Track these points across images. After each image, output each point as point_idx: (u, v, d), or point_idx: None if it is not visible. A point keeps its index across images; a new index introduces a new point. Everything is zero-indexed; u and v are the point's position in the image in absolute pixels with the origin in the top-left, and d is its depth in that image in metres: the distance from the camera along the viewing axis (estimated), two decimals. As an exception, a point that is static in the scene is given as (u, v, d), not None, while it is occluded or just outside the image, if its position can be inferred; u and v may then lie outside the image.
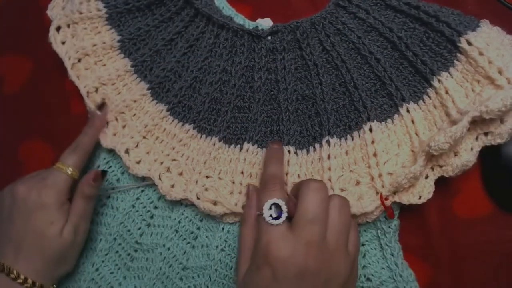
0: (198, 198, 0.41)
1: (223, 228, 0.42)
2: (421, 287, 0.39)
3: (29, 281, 0.38)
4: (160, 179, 0.42)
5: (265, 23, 0.45)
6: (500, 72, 0.36)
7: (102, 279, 0.43)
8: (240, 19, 0.46)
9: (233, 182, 0.41)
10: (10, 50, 0.52)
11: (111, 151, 0.45)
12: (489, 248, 0.40)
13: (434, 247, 0.40)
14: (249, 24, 0.45)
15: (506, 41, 0.38)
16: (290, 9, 0.47)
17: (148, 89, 0.45)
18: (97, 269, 0.43)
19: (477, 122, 0.36)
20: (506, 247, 0.39)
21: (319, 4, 0.45)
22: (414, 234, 0.41)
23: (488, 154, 0.39)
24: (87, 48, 0.46)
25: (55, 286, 0.41)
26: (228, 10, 0.47)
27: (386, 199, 0.37)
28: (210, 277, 0.41)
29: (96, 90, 0.45)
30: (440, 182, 0.39)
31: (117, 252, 0.44)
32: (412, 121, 0.39)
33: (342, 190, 0.39)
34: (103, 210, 0.45)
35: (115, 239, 0.43)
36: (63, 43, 0.47)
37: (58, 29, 0.47)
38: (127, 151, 0.43)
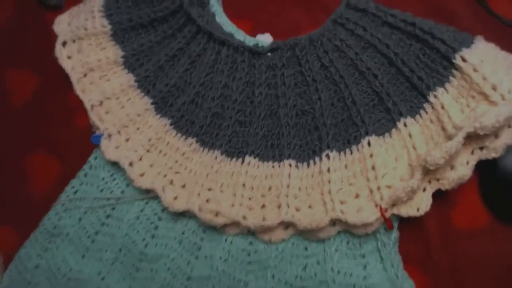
0: (200, 210, 0.41)
1: (226, 239, 0.42)
2: None
3: None
4: (163, 191, 0.43)
5: (265, 38, 0.46)
6: (494, 89, 0.36)
7: None
8: (240, 35, 0.47)
9: (235, 195, 0.42)
10: (17, 64, 0.54)
11: (116, 164, 0.46)
12: (488, 261, 0.40)
13: (433, 258, 0.41)
14: (249, 41, 0.46)
15: (500, 57, 0.39)
16: (290, 24, 0.48)
17: (151, 103, 0.46)
18: (103, 278, 0.44)
19: (472, 137, 0.37)
20: (505, 260, 0.40)
21: (318, 20, 0.46)
22: (414, 245, 0.41)
23: (485, 167, 0.39)
24: (92, 63, 0.47)
25: None
26: (229, 26, 0.48)
27: (386, 211, 0.38)
28: (214, 287, 0.42)
29: (101, 104, 0.47)
30: (439, 194, 0.39)
31: (122, 262, 0.44)
32: (410, 135, 0.39)
33: (342, 202, 0.39)
34: (108, 221, 0.45)
35: (120, 249, 0.44)
36: (69, 57, 0.48)
37: (64, 44, 0.48)
38: (131, 164, 0.44)
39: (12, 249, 0.47)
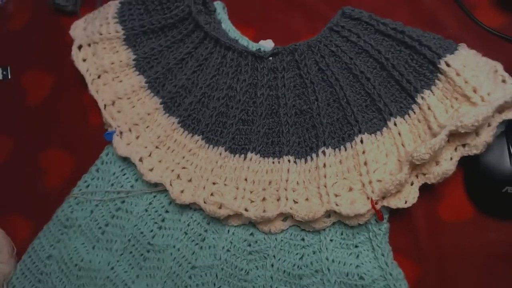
0: (205, 202, 0.43)
1: (228, 231, 0.44)
2: (410, 285, 0.41)
3: None
4: (171, 185, 0.45)
5: (267, 44, 0.48)
6: (474, 91, 0.38)
7: (117, 277, 0.45)
8: (244, 41, 0.49)
9: (237, 188, 0.43)
10: (34, 66, 0.56)
11: (126, 160, 0.48)
12: (473, 250, 0.41)
13: (421, 248, 0.42)
14: (252, 46, 0.48)
15: (481, 63, 0.40)
16: (290, 31, 0.50)
17: (161, 103, 0.48)
18: (112, 268, 0.45)
19: (456, 135, 0.39)
20: (488, 248, 0.41)
21: (316, 27, 0.48)
22: (403, 236, 0.43)
23: (469, 162, 0.41)
24: (106, 66, 0.49)
25: None
26: (234, 32, 0.50)
27: (376, 203, 0.40)
28: (217, 275, 0.43)
29: (113, 103, 0.49)
30: (426, 189, 0.41)
31: (131, 252, 0.46)
32: (399, 134, 0.41)
33: (336, 195, 0.41)
34: (118, 213, 0.47)
35: (129, 240, 0.46)
36: (84, 60, 0.50)
37: (79, 47, 0.50)
38: (141, 160, 0.46)
39: (26, 240, 0.49)
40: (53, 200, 0.50)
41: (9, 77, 0.56)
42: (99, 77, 0.50)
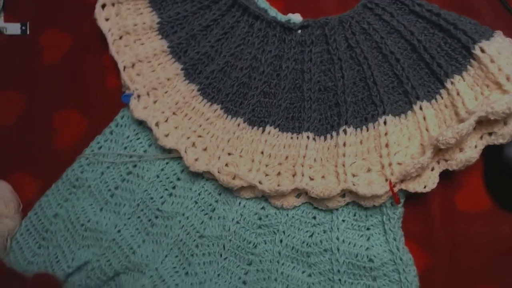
0: (219, 172, 0.43)
1: (239, 203, 0.44)
2: (420, 272, 0.41)
3: None
4: (185, 152, 0.44)
5: (296, 17, 0.47)
6: (508, 79, 0.38)
7: (123, 241, 0.45)
8: (273, 12, 0.48)
9: (253, 161, 0.43)
10: (52, 25, 0.54)
11: (141, 124, 0.47)
12: (485, 241, 0.42)
13: (434, 236, 0.43)
14: (281, 17, 0.48)
15: None
16: (319, 6, 0.49)
17: (181, 69, 0.47)
18: (119, 231, 0.45)
19: (483, 123, 0.39)
20: (501, 241, 0.42)
21: (346, 4, 0.47)
22: (416, 223, 0.43)
23: (491, 154, 0.41)
24: (129, 27, 0.49)
25: None
26: (263, 3, 0.49)
27: (394, 186, 0.40)
28: (224, 246, 0.43)
29: (133, 65, 0.48)
30: (445, 177, 0.41)
31: (139, 217, 0.46)
32: (424, 118, 0.41)
33: (354, 175, 0.41)
34: (129, 177, 0.47)
35: (138, 205, 0.46)
36: (106, 20, 0.49)
37: (103, 6, 0.49)
38: (157, 124, 0.45)
39: (33, 198, 0.49)
40: (62, 161, 0.49)
41: (28, 33, 0.55)
42: (120, 38, 0.49)
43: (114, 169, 0.48)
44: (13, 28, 0.55)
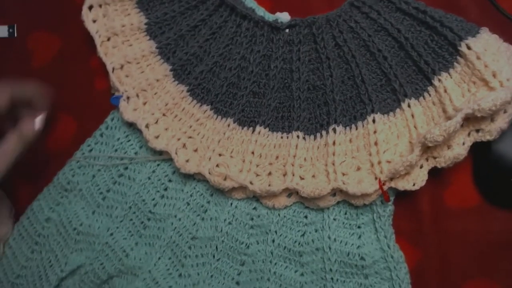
0: (210, 173, 0.43)
1: (231, 204, 0.45)
2: (410, 269, 0.42)
3: None
4: (176, 153, 0.44)
5: (283, 16, 0.48)
6: (494, 76, 0.38)
7: (116, 244, 0.46)
8: (260, 11, 0.48)
9: (243, 161, 0.44)
10: (41, 27, 0.55)
11: (131, 126, 0.48)
12: (475, 237, 0.43)
13: (424, 233, 0.43)
14: (269, 17, 0.48)
15: (502, 48, 0.40)
16: (307, 5, 0.50)
17: (170, 70, 0.47)
18: (111, 234, 0.46)
19: (470, 119, 0.39)
20: (490, 237, 0.42)
21: (334, 2, 0.48)
22: (406, 220, 0.44)
23: (480, 151, 0.42)
24: (116, 28, 0.49)
25: None
26: (250, 2, 0.49)
27: (384, 184, 0.40)
28: (217, 247, 0.44)
29: (121, 67, 0.48)
30: (434, 174, 0.41)
31: (131, 220, 0.46)
32: (412, 116, 0.41)
33: (344, 174, 0.41)
34: (120, 180, 0.47)
35: (130, 207, 0.46)
36: (94, 21, 0.49)
37: (90, 8, 0.49)
38: (147, 126, 0.45)
39: (25, 202, 0.49)
40: (53, 164, 0.50)
41: (15, 35, 0.55)
42: (108, 39, 0.49)
43: (105, 172, 0.48)
44: (0, 31, 0.55)
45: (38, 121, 0.45)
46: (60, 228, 0.47)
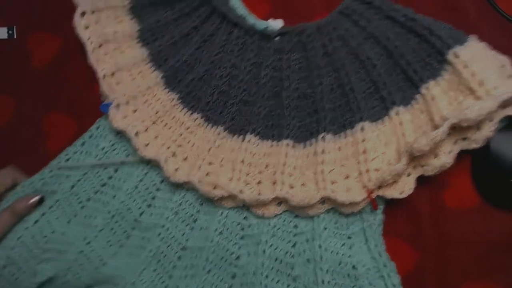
0: (199, 182, 0.43)
1: (221, 213, 0.45)
2: (409, 270, 0.43)
3: None
4: (165, 162, 0.45)
5: (275, 24, 0.48)
6: (480, 85, 0.39)
7: (92, 252, 0.45)
8: (251, 19, 0.49)
9: (233, 170, 0.44)
10: (41, 27, 0.55)
11: (118, 135, 0.48)
12: (474, 238, 0.43)
13: (423, 234, 0.44)
14: (260, 24, 0.48)
15: (490, 57, 0.41)
16: (306, 7, 0.50)
17: (162, 77, 0.48)
18: (88, 243, 0.45)
19: (456, 128, 0.40)
20: (490, 237, 0.43)
21: (333, 4, 0.48)
22: (405, 221, 0.44)
23: (479, 152, 0.42)
24: (109, 35, 0.49)
25: None
26: (242, 9, 0.50)
27: (372, 192, 0.41)
28: (207, 258, 0.44)
29: (113, 74, 0.48)
30: (433, 175, 0.41)
31: (112, 229, 0.46)
32: (400, 123, 0.42)
33: (332, 182, 0.42)
34: (103, 189, 0.47)
35: (113, 216, 0.46)
36: (86, 27, 0.49)
37: (82, 14, 0.49)
38: (137, 134, 0.46)
39: None
40: None
41: (15, 36, 0.56)
42: (100, 46, 0.49)
43: (86, 182, 0.47)
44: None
45: (33, 201, 0.46)
46: (25, 238, 0.45)
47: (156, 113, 0.47)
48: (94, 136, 0.49)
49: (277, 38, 0.47)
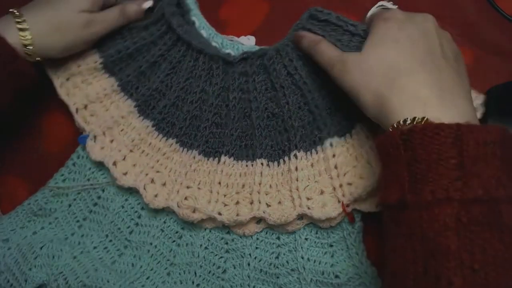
0: (178, 206, 0.43)
1: (205, 229, 0.44)
2: None
3: (28, 37, 0.42)
4: (145, 189, 0.44)
5: (248, 41, 0.48)
6: None
7: (86, 259, 0.45)
8: (219, 38, 0.48)
9: (211, 192, 0.43)
10: None
11: (98, 164, 0.47)
12: None
13: None
14: (226, 45, 0.48)
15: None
16: (305, 6, 0.47)
17: (135, 106, 0.47)
18: (81, 252, 0.45)
19: None
20: None
21: (330, 3, 0.47)
22: None
23: None
24: (73, 69, 0.48)
25: (38, 59, 0.43)
26: (208, 29, 0.49)
27: (348, 206, 0.40)
28: (195, 272, 0.44)
29: (85, 107, 0.47)
30: None
31: (105, 248, 0.46)
32: (367, 137, 0.41)
33: (308, 199, 0.41)
34: (95, 209, 0.46)
35: (107, 235, 0.46)
36: (49, 63, 0.48)
37: None
38: (114, 164, 0.45)
39: (24, 200, 0.48)
40: (52, 165, 0.49)
41: None
42: (68, 79, 0.48)
43: (81, 201, 0.47)
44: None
45: (144, 5, 0.48)
46: (22, 246, 0.45)
47: (133, 141, 0.46)
48: (81, 157, 0.48)
49: (240, 64, 0.46)
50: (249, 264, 0.44)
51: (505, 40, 0.42)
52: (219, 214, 0.43)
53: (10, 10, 0.42)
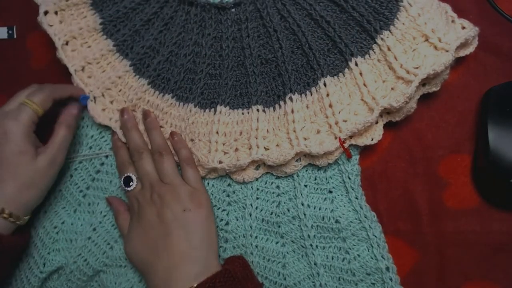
0: None
1: (208, 183, 0.45)
2: (409, 269, 0.41)
3: (6, 211, 0.39)
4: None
5: None
6: (433, 31, 0.38)
7: (99, 237, 0.45)
8: None
9: (210, 142, 0.43)
10: (41, 27, 0.50)
11: (100, 131, 0.47)
12: (474, 238, 0.41)
13: (422, 233, 0.42)
14: None
15: (435, 5, 0.40)
16: None
17: (130, 65, 0.47)
18: (94, 229, 0.45)
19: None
20: (489, 237, 0.41)
21: None
22: (405, 221, 0.42)
23: (479, 152, 0.40)
24: (75, 32, 0.47)
25: (27, 218, 0.41)
26: None
27: (344, 142, 0.40)
28: None
29: (83, 69, 0.47)
30: (433, 175, 0.42)
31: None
32: (360, 74, 0.40)
33: (305, 138, 0.41)
34: (98, 176, 0.47)
35: None
36: (50, 26, 0.48)
37: (45, 13, 0.47)
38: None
39: None
40: None
41: (15, 36, 0.53)
42: (67, 43, 0.48)
43: (82, 170, 0.47)
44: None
45: (76, 106, 0.46)
46: (39, 230, 0.46)
47: (132, 101, 0.46)
48: (82, 126, 0.48)
49: (232, 10, 0.45)
50: (250, 215, 0.43)
51: (505, 40, 0.41)
52: (220, 162, 0.43)
53: None
